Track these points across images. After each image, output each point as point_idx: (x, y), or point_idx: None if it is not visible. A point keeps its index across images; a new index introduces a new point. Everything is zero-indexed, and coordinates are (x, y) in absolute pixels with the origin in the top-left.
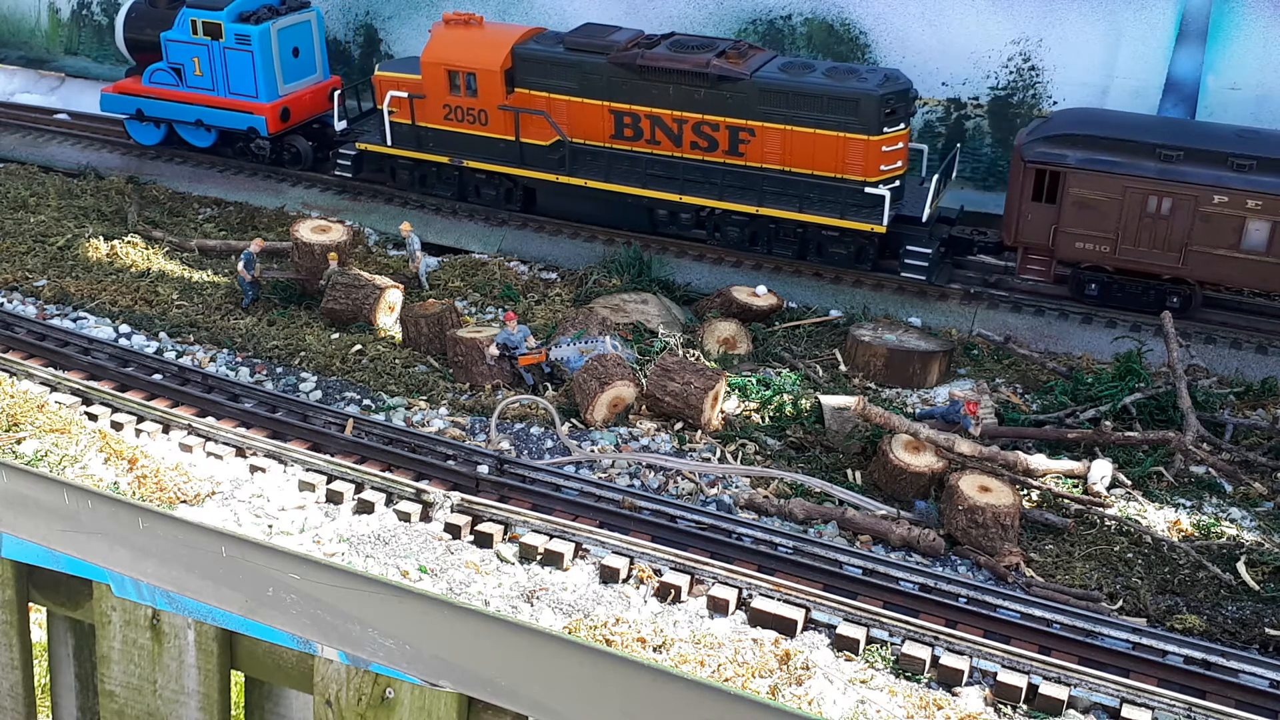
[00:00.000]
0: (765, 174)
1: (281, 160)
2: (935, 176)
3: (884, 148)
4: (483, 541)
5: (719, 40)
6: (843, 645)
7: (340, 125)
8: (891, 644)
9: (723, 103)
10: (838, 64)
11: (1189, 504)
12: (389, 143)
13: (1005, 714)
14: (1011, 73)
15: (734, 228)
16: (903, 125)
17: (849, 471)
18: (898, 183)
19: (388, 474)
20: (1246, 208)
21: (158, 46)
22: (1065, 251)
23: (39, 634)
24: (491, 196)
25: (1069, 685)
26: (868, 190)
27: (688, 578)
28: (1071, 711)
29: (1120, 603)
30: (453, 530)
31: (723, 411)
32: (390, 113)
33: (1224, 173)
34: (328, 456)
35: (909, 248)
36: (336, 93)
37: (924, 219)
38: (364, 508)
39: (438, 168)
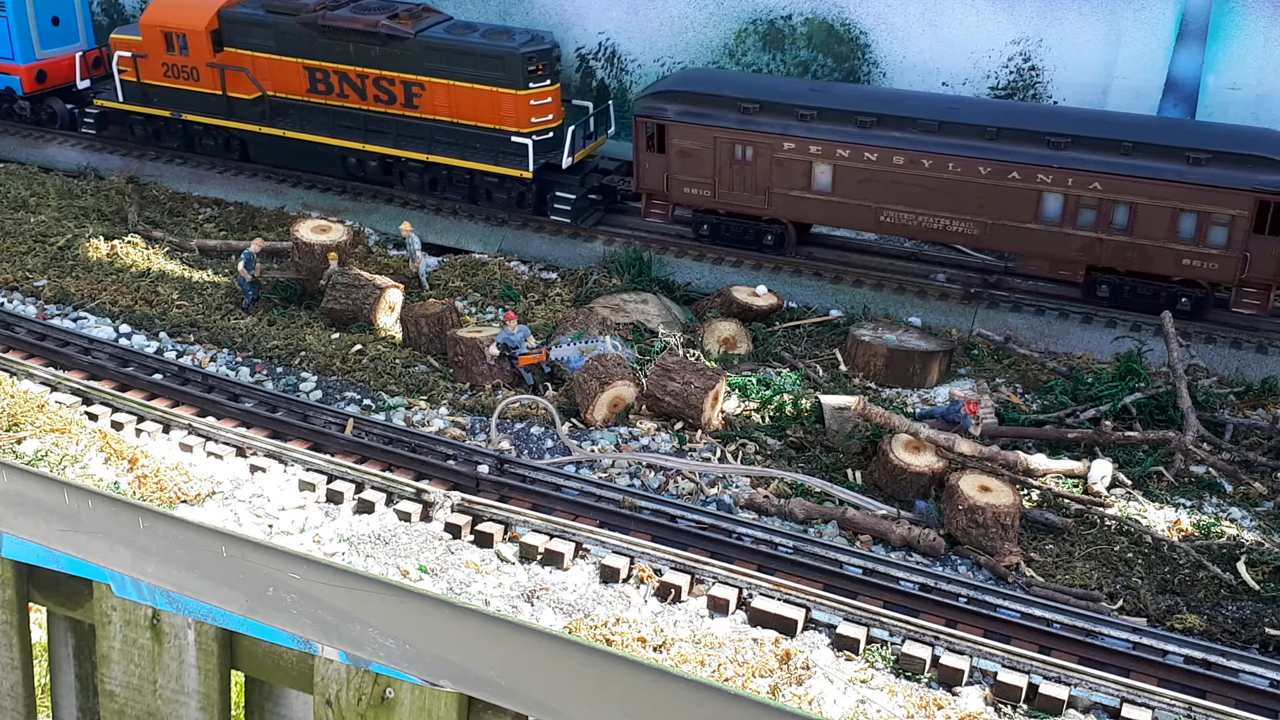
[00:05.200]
0: (436, 125)
1: (40, 120)
2: (571, 128)
3: (532, 101)
4: (483, 541)
5: (400, 3)
6: (843, 645)
7: (83, 85)
8: (892, 644)
9: (395, 60)
10: (495, 26)
11: (1189, 504)
12: (120, 99)
13: (1005, 714)
14: (1012, 72)
15: (414, 174)
16: (549, 82)
17: (849, 471)
18: (550, 134)
19: (388, 474)
20: (810, 153)
21: None
22: (677, 196)
23: (39, 634)
24: (211, 147)
25: (1069, 685)
26: (515, 140)
27: (688, 577)
28: (1071, 711)
29: (1120, 603)
30: (453, 530)
31: (723, 411)
32: (121, 72)
33: (792, 123)
34: (328, 456)
35: (556, 193)
36: (79, 54)
37: (563, 166)
38: (364, 507)
39: (165, 121)
